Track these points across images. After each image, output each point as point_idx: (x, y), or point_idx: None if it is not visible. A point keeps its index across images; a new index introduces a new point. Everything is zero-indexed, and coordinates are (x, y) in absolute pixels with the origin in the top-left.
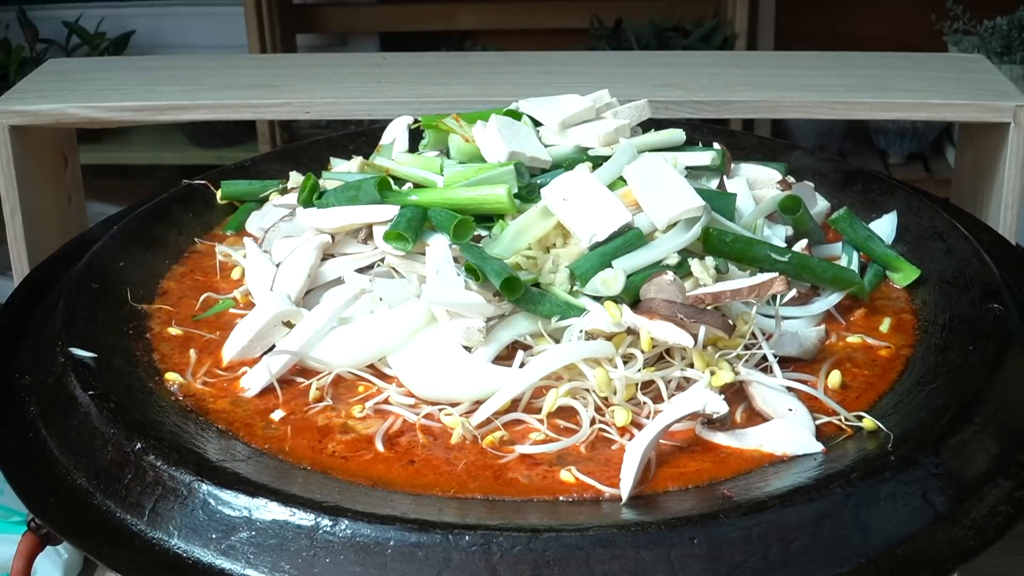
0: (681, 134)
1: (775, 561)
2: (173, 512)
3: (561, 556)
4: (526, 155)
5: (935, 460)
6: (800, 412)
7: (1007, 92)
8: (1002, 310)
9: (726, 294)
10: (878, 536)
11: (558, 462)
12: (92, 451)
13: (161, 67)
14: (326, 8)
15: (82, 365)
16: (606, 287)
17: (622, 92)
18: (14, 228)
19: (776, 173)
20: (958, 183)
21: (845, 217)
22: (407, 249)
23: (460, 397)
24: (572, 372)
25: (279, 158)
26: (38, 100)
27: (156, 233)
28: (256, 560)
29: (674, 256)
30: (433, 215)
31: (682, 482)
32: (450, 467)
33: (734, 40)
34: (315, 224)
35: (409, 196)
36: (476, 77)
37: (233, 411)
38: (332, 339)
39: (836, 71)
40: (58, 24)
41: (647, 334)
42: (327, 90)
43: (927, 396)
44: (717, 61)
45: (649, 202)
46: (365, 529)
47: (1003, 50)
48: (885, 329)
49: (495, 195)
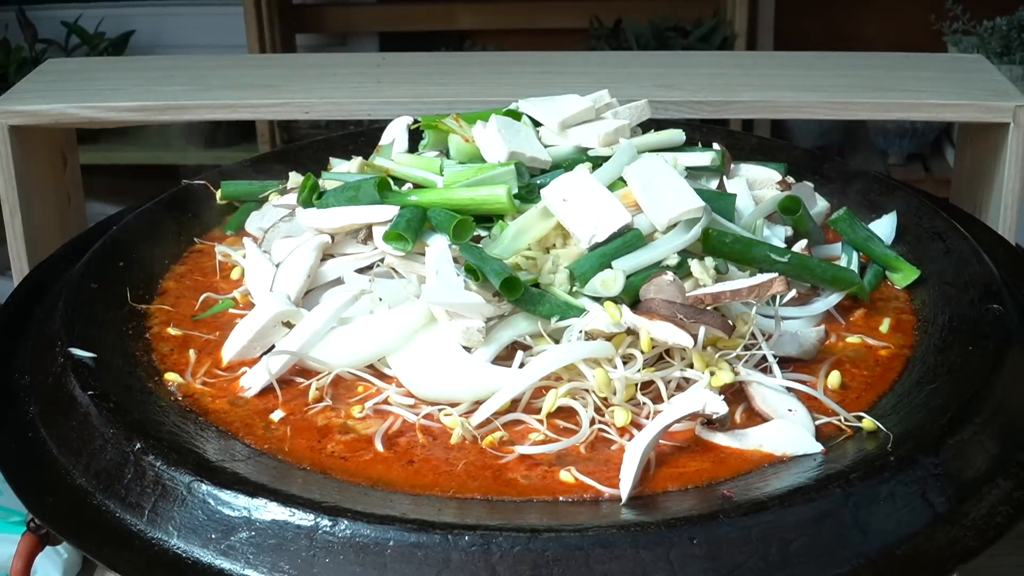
0: (681, 134)
1: (775, 561)
2: (172, 512)
3: (560, 556)
4: (526, 155)
5: (935, 460)
6: (800, 412)
7: (1007, 92)
8: (1001, 310)
9: (726, 294)
10: (878, 536)
11: (558, 462)
12: (91, 451)
13: (161, 67)
14: (326, 8)
15: (82, 365)
16: (605, 288)
17: (622, 92)
18: (14, 228)
19: (776, 173)
20: (957, 183)
21: (845, 217)
22: (407, 249)
23: (460, 397)
24: (572, 372)
25: (279, 158)
26: (37, 100)
27: (156, 233)
28: (255, 560)
29: (674, 257)
30: (433, 215)
31: (682, 482)
32: (449, 467)
33: (733, 40)
34: (315, 224)
35: (409, 196)
36: (476, 77)
37: (232, 411)
38: (332, 339)
39: (836, 71)
40: (57, 24)
41: (647, 334)
42: (327, 90)
43: (927, 396)
44: (717, 61)
45: (649, 203)
46: (364, 529)
47: (1003, 50)
48: (885, 329)
49: (495, 195)
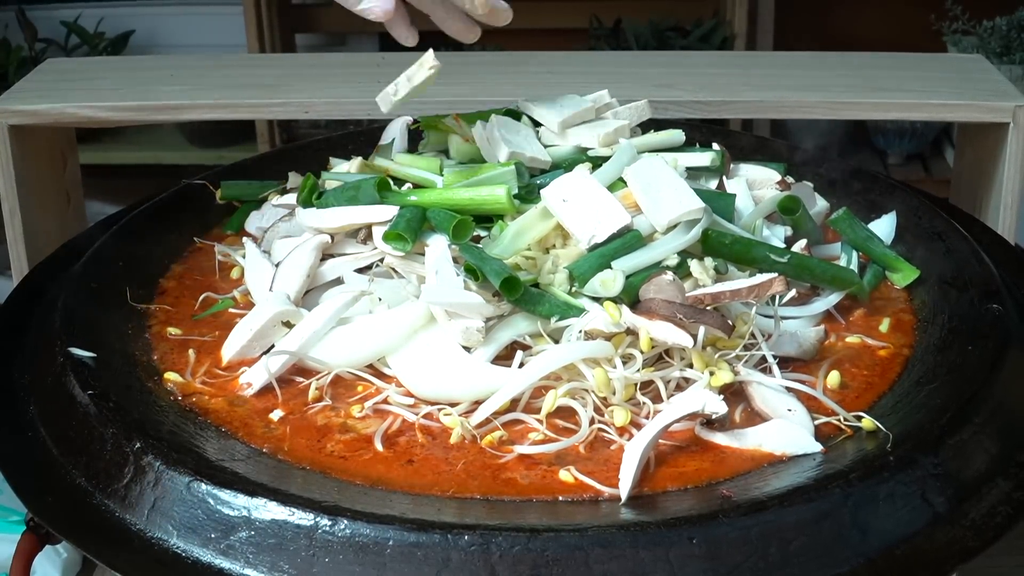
0: (681, 135)
1: (774, 561)
2: (172, 512)
3: (560, 556)
4: (526, 155)
5: (934, 460)
6: (799, 412)
7: (1006, 92)
8: (1001, 310)
9: (725, 295)
10: (877, 536)
11: (557, 462)
12: (91, 450)
13: (160, 67)
14: (325, 8)
15: (81, 365)
16: (605, 288)
17: (622, 92)
18: (13, 228)
19: (775, 173)
20: (957, 183)
21: (844, 217)
22: (406, 249)
23: (459, 397)
24: (571, 372)
25: (278, 158)
26: (37, 100)
27: (155, 233)
28: (255, 560)
29: (673, 257)
30: (432, 215)
31: (681, 482)
32: (449, 467)
33: (733, 40)
34: (314, 224)
35: (408, 196)
36: (476, 77)
37: (232, 411)
38: (331, 339)
39: (835, 71)
40: (57, 24)
41: (646, 334)
42: (326, 90)
43: (926, 396)
44: (716, 61)
45: (649, 204)
46: (364, 529)
47: (1002, 50)
48: (884, 329)
49: (495, 196)
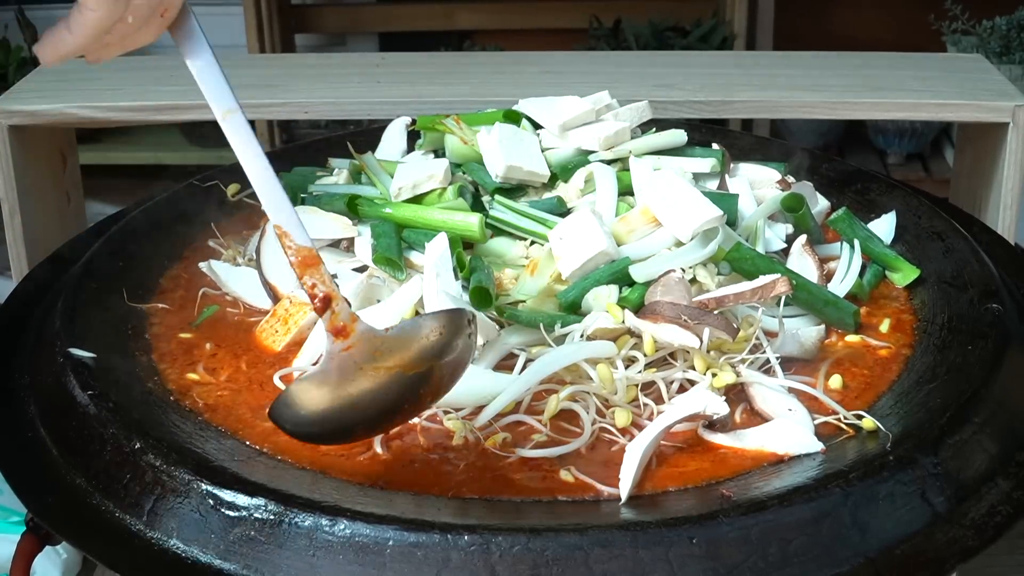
0: (683, 135)
1: (774, 561)
2: (172, 512)
3: (560, 556)
4: (523, 169)
5: (934, 460)
6: (799, 412)
7: (1006, 92)
8: (1001, 310)
9: (730, 298)
10: (877, 536)
11: (558, 462)
12: (91, 451)
13: (160, 67)
14: (325, 8)
15: (81, 365)
16: (597, 302)
17: (622, 92)
18: (13, 228)
19: (776, 173)
20: (957, 183)
21: (844, 217)
22: (400, 276)
23: (461, 403)
24: (574, 375)
25: (278, 158)
26: (37, 100)
27: (155, 233)
28: (255, 560)
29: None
30: (409, 236)
31: (681, 482)
32: (449, 467)
33: (733, 40)
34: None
35: (383, 209)
36: (475, 77)
37: (232, 411)
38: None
39: (835, 71)
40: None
41: (650, 337)
42: (326, 90)
43: (926, 396)
44: (716, 61)
45: (668, 217)
46: (364, 529)
47: (1002, 50)
48: (884, 329)
49: (467, 223)
